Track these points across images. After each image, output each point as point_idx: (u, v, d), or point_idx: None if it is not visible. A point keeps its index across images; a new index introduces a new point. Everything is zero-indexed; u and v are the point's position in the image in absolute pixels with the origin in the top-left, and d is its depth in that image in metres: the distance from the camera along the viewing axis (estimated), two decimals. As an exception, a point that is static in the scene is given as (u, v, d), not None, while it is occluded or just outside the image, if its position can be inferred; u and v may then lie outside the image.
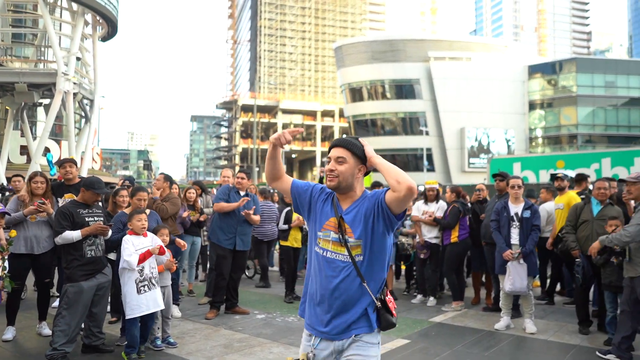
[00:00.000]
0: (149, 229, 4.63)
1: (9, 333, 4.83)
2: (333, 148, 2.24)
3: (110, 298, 5.13)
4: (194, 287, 7.50)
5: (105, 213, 4.91)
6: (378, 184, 7.47)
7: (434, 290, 6.90)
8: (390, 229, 2.17)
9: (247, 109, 60.17)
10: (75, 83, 22.09)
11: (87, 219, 4.38)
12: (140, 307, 4.24)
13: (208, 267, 7.54)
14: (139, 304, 4.24)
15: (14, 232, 4.45)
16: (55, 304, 5.40)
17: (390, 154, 48.12)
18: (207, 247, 7.73)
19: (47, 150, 21.08)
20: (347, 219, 2.20)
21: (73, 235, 4.24)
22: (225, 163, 73.10)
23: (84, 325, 4.49)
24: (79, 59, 24.52)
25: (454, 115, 46.25)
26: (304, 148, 61.81)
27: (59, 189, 5.27)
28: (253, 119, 45.50)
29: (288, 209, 7.18)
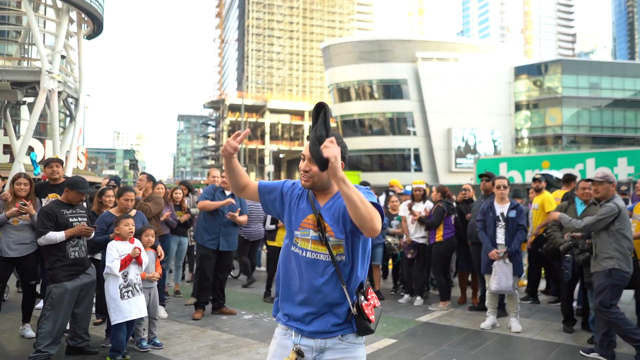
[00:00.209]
0: (135, 229, 4.57)
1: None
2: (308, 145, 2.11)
3: (96, 299, 5.06)
4: (181, 287, 7.46)
5: (90, 213, 4.84)
6: (366, 184, 7.47)
7: (421, 290, 6.94)
8: None
9: (234, 109, 59.89)
10: (60, 81, 21.77)
11: (71, 220, 4.32)
12: (124, 312, 4.19)
13: (195, 267, 7.49)
14: (122, 310, 4.19)
15: None
16: (39, 306, 5.33)
17: (378, 154, 48.37)
18: (193, 247, 7.68)
19: (30, 150, 20.71)
20: (325, 216, 2.09)
21: (57, 237, 4.18)
22: (213, 163, 72.74)
23: (69, 327, 4.43)
24: (64, 57, 24.15)
25: (441, 116, 46.52)
26: (292, 148, 61.67)
27: (44, 189, 5.18)
28: (241, 119, 45.34)
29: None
